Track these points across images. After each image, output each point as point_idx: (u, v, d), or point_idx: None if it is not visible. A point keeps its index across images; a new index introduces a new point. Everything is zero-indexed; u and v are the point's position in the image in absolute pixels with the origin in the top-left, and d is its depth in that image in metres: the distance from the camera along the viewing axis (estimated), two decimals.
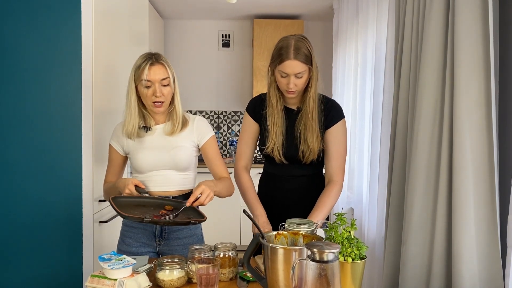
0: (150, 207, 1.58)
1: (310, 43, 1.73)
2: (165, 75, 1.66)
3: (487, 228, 1.43)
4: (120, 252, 1.74)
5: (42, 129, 2.05)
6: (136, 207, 1.56)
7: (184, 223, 1.52)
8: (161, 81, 1.65)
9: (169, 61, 1.72)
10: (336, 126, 1.80)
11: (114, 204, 1.49)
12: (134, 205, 1.57)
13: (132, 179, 1.62)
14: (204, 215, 1.56)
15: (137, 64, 1.68)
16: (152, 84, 1.65)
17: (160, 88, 1.65)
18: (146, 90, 1.65)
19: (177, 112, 1.73)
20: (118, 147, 1.78)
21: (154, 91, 1.65)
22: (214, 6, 4.29)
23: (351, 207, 3.12)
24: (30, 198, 2.05)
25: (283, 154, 1.80)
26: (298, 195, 1.86)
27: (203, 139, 1.78)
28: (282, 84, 1.73)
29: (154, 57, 1.67)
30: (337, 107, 1.84)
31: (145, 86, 1.65)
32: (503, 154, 1.52)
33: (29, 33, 2.03)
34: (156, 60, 1.66)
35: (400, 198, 1.85)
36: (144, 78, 1.63)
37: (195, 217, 1.56)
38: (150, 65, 1.64)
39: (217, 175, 1.80)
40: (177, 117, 1.73)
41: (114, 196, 1.57)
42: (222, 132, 4.93)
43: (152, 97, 1.66)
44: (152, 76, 1.64)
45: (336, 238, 1.26)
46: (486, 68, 1.42)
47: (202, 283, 1.29)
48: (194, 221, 1.50)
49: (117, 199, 1.56)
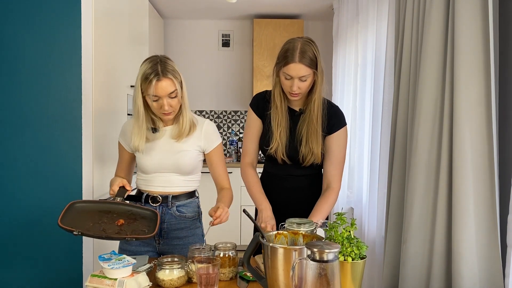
0: (113, 214, 1.55)
1: (317, 46, 1.71)
2: (172, 88, 1.62)
3: (487, 228, 1.43)
4: (121, 250, 1.74)
5: (42, 129, 2.05)
6: (97, 212, 1.54)
7: (118, 238, 1.45)
8: (169, 94, 1.62)
9: (175, 66, 1.67)
10: (338, 133, 1.80)
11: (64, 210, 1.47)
12: (97, 210, 1.55)
13: (121, 180, 1.62)
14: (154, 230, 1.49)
15: (143, 73, 1.62)
16: (159, 98, 1.62)
17: (168, 101, 1.63)
18: (154, 103, 1.64)
19: (184, 117, 1.71)
20: (125, 145, 1.78)
21: (162, 104, 1.63)
22: (214, 6, 4.29)
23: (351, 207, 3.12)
24: (30, 198, 2.06)
25: (287, 155, 1.80)
26: (298, 194, 1.86)
27: (209, 146, 1.77)
28: (286, 86, 1.73)
29: (161, 69, 1.60)
30: (340, 113, 1.84)
31: (153, 100, 1.63)
32: (503, 154, 1.52)
33: (29, 33, 2.03)
34: (163, 74, 1.60)
35: (400, 197, 1.85)
36: (152, 94, 1.61)
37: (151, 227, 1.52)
38: (157, 80, 1.59)
39: (219, 184, 1.80)
40: (183, 122, 1.71)
41: (77, 201, 1.55)
42: (222, 132, 4.93)
43: (161, 110, 1.65)
44: (159, 92, 1.60)
45: (336, 238, 1.26)
46: (486, 67, 1.42)
47: (202, 283, 1.29)
48: (131, 238, 1.43)
49: (76, 204, 1.53)
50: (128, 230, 1.47)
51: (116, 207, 1.57)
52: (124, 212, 1.57)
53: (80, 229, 1.40)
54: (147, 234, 1.47)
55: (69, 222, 1.43)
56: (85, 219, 1.48)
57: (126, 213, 1.57)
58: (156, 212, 1.60)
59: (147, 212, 1.60)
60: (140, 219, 1.56)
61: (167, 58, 1.67)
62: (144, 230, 1.50)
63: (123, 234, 1.44)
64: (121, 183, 1.61)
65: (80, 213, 1.51)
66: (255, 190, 1.83)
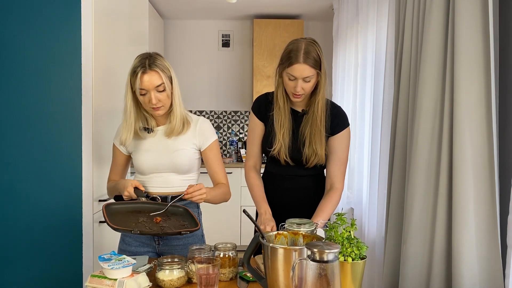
0: (145, 213, 1.56)
1: (320, 47, 1.71)
2: (159, 81, 1.62)
3: (487, 228, 1.43)
4: (120, 251, 1.74)
5: (42, 129, 2.05)
6: (130, 213, 1.55)
7: (174, 233, 1.49)
8: (156, 88, 1.62)
9: (166, 62, 1.67)
10: (341, 134, 1.80)
11: (105, 214, 1.47)
12: (128, 211, 1.56)
13: (132, 181, 1.62)
14: (198, 223, 1.55)
15: (132, 67, 1.64)
16: (147, 92, 1.62)
17: (156, 94, 1.62)
18: (142, 97, 1.64)
19: (175, 114, 1.70)
20: (121, 147, 1.78)
21: (149, 98, 1.63)
22: (214, 6, 4.29)
23: (351, 207, 3.12)
24: (30, 198, 2.05)
25: (290, 156, 1.80)
26: (301, 194, 1.87)
27: (205, 143, 1.77)
28: (289, 86, 1.73)
29: (148, 62, 1.61)
30: (343, 114, 1.84)
31: (140, 94, 1.63)
32: (503, 154, 1.52)
33: (29, 33, 2.03)
34: (149, 67, 1.60)
35: (400, 198, 1.85)
36: (138, 87, 1.61)
37: (190, 222, 1.55)
38: (142, 73, 1.59)
39: (215, 180, 1.80)
40: (175, 119, 1.70)
41: (108, 203, 1.55)
42: (222, 132, 4.93)
43: (149, 104, 1.65)
44: (145, 84, 1.60)
45: (336, 238, 1.26)
46: (486, 68, 1.42)
47: (202, 283, 1.29)
48: (185, 232, 1.48)
49: (110, 206, 1.54)
50: (171, 226, 1.51)
51: (145, 206, 1.60)
52: (155, 210, 1.59)
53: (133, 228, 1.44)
54: (193, 227, 1.52)
55: (116, 222, 1.45)
56: (126, 219, 1.50)
57: (157, 211, 1.59)
58: (186, 208, 1.63)
59: (178, 209, 1.63)
60: (171, 215, 1.59)
61: (158, 54, 1.68)
62: (185, 224, 1.55)
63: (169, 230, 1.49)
64: (133, 184, 1.61)
65: (117, 214, 1.53)
66: (256, 193, 1.83)
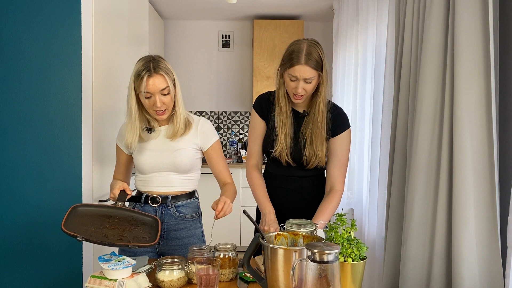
0: (115, 219, 1.55)
1: (322, 49, 1.71)
2: (164, 85, 1.63)
3: (487, 229, 1.43)
4: (120, 251, 1.74)
5: (42, 129, 2.05)
6: (99, 217, 1.53)
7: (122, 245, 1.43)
8: (161, 91, 1.63)
9: (169, 65, 1.68)
10: (342, 135, 1.80)
11: (67, 214, 1.46)
12: (100, 214, 1.55)
13: (122, 184, 1.63)
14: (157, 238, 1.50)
15: (136, 71, 1.64)
16: (151, 95, 1.63)
17: (160, 97, 1.63)
18: (146, 100, 1.65)
19: (178, 116, 1.71)
20: (122, 147, 1.79)
21: (154, 101, 1.63)
22: (214, 7, 4.29)
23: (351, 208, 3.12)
24: (30, 198, 2.05)
25: (291, 157, 1.80)
26: (301, 195, 1.86)
27: (207, 144, 1.77)
28: (290, 87, 1.72)
29: (153, 65, 1.62)
30: (344, 115, 1.84)
31: (145, 97, 1.64)
32: (503, 154, 1.52)
33: (29, 33, 2.03)
34: (155, 70, 1.62)
35: (400, 198, 1.85)
36: (143, 90, 1.62)
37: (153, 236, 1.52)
38: (148, 76, 1.61)
39: (221, 180, 1.80)
40: (177, 120, 1.71)
41: (78, 205, 1.55)
42: (222, 133, 4.93)
43: (153, 107, 1.65)
44: (151, 88, 1.61)
45: (336, 239, 1.26)
46: (486, 68, 1.42)
47: (202, 284, 1.29)
48: (133, 246, 1.42)
49: (78, 208, 1.53)
50: (129, 237, 1.47)
51: (117, 211, 1.58)
52: (125, 218, 1.57)
53: (83, 234, 1.40)
54: (148, 242, 1.47)
55: (72, 226, 1.43)
56: (87, 224, 1.48)
57: (127, 218, 1.57)
58: (157, 219, 1.61)
59: (148, 219, 1.61)
60: (141, 225, 1.56)
61: (161, 57, 1.69)
62: (146, 237, 1.50)
63: (125, 241, 1.44)
64: (121, 187, 1.61)
65: (83, 217, 1.51)
66: (260, 193, 1.82)
